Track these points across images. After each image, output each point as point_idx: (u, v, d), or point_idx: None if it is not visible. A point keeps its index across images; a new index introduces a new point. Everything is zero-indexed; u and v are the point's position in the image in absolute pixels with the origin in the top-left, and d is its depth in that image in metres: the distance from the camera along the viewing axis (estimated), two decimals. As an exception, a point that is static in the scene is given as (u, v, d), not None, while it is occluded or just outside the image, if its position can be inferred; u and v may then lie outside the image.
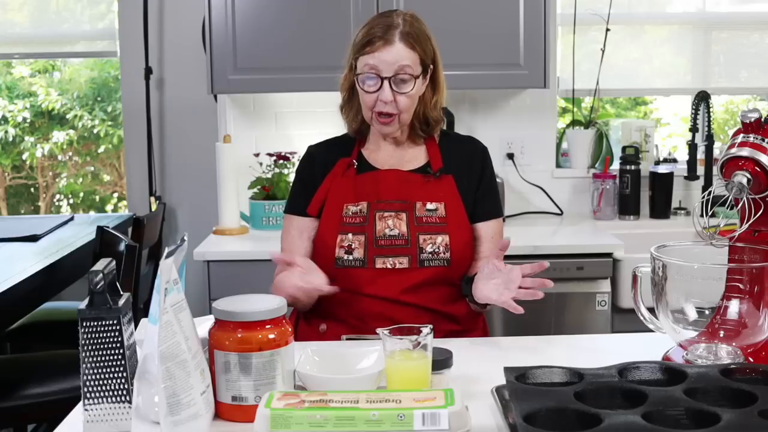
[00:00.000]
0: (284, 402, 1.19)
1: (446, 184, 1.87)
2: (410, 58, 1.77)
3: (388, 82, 1.76)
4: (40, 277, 2.45)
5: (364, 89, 1.79)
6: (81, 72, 4.29)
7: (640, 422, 1.11)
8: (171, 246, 1.21)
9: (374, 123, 1.84)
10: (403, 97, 1.78)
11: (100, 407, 1.22)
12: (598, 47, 3.31)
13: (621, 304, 2.75)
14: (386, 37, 1.76)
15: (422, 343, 1.32)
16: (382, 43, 1.75)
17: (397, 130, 1.86)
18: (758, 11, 3.51)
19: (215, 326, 1.31)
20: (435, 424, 1.14)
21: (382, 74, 1.76)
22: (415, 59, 1.78)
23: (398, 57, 1.76)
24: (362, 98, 1.82)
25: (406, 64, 1.76)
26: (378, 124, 1.83)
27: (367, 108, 1.82)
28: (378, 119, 1.81)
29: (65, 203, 4.67)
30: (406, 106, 1.80)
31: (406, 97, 1.78)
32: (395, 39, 1.76)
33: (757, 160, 1.44)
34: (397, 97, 1.77)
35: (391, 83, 1.76)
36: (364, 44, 1.77)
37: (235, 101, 3.24)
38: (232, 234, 2.96)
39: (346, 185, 1.87)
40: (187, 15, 3.33)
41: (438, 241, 1.80)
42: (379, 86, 1.77)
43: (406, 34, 1.77)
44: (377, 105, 1.79)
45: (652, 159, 3.33)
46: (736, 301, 1.43)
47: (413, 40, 1.77)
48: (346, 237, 1.81)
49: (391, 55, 1.75)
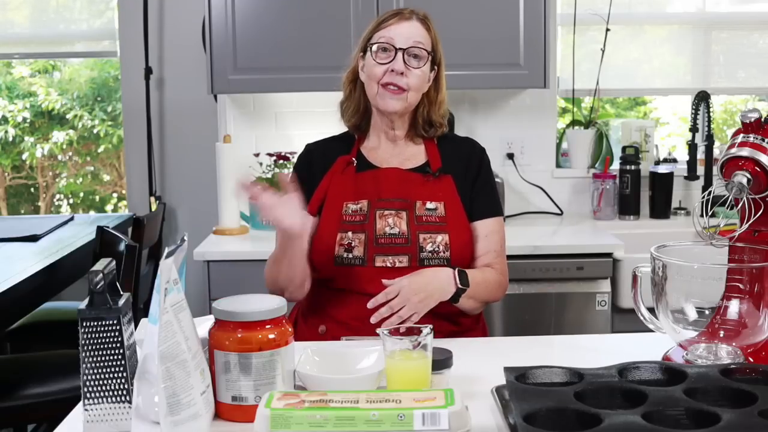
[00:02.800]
0: (284, 402, 1.19)
1: (445, 184, 1.87)
2: (424, 36, 1.82)
3: (402, 54, 1.79)
4: (40, 277, 2.45)
5: (376, 60, 1.80)
6: (81, 72, 4.29)
7: (640, 422, 1.11)
8: (171, 246, 1.21)
9: (380, 98, 1.82)
10: (414, 72, 1.80)
11: (100, 407, 1.22)
12: (598, 47, 3.31)
13: (621, 304, 2.75)
14: (403, 15, 1.83)
15: (422, 343, 1.32)
16: (399, 18, 1.82)
17: (403, 109, 1.84)
18: (758, 11, 3.51)
19: (215, 326, 1.30)
20: (435, 424, 1.14)
21: (396, 45, 1.79)
22: (428, 41, 1.83)
23: (414, 32, 1.81)
24: (370, 71, 1.81)
25: (421, 41, 1.81)
26: (385, 96, 1.81)
27: (375, 81, 1.81)
28: (386, 90, 1.81)
29: (65, 203, 4.67)
30: (415, 83, 1.81)
31: (418, 72, 1.80)
32: (412, 17, 1.83)
33: (757, 160, 1.44)
34: (408, 71, 1.79)
35: (405, 56, 1.79)
36: (380, 21, 1.84)
37: (235, 101, 3.24)
38: (232, 234, 2.96)
39: (346, 183, 1.87)
40: (187, 15, 3.33)
41: (438, 240, 1.80)
42: (392, 58, 1.79)
43: (423, 17, 1.85)
44: (386, 76, 1.79)
45: (652, 159, 3.33)
46: (736, 301, 1.43)
47: (428, 22, 1.85)
48: (346, 235, 1.81)
49: (406, 29, 1.81)
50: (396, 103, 1.82)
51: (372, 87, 1.82)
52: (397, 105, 1.82)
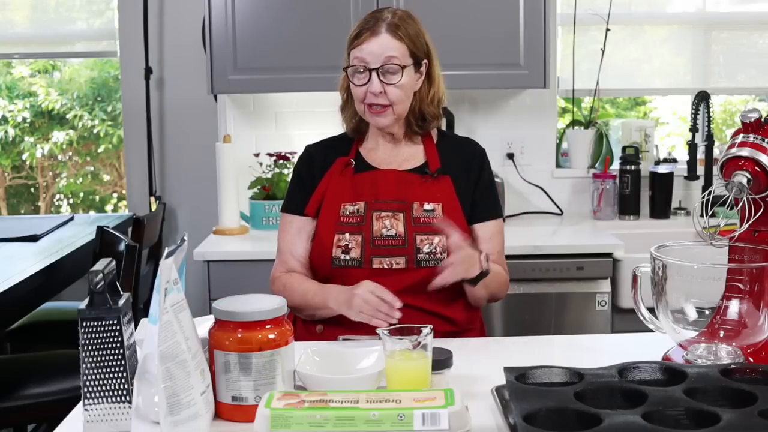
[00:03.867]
0: (284, 402, 1.19)
1: (444, 184, 1.87)
2: (397, 48, 1.79)
3: (376, 74, 1.78)
4: (40, 277, 2.45)
5: (354, 83, 1.80)
6: (81, 72, 4.29)
7: (640, 422, 1.11)
8: (171, 246, 1.21)
9: (367, 116, 1.84)
10: (393, 88, 1.79)
11: (100, 407, 1.22)
12: (598, 47, 3.31)
13: (621, 304, 2.75)
14: (373, 29, 1.79)
15: (422, 343, 1.32)
16: (369, 35, 1.79)
17: (393, 122, 1.85)
18: (758, 11, 3.51)
19: (215, 326, 1.31)
20: (435, 424, 1.14)
21: (369, 66, 1.78)
22: (402, 50, 1.80)
23: (384, 48, 1.78)
24: (354, 92, 1.83)
25: (393, 55, 1.78)
26: (371, 116, 1.83)
27: (359, 101, 1.83)
28: (370, 111, 1.82)
29: (65, 203, 4.66)
30: (398, 97, 1.80)
31: (395, 88, 1.79)
32: (381, 30, 1.79)
33: (757, 160, 1.44)
34: (386, 88, 1.79)
35: (379, 74, 1.78)
36: (353, 38, 1.82)
37: (235, 101, 3.24)
38: (232, 234, 2.96)
39: (344, 184, 1.87)
40: (187, 15, 3.33)
41: (435, 242, 1.80)
42: (368, 79, 1.78)
43: (393, 26, 1.79)
44: (368, 97, 1.80)
45: (652, 159, 3.33)
46: (736, 301, 1.43)
47: (400, 32, 1.80)
48: (343, 237, 1.81)
49: (377, 46, 1.78)
50: (383, 119, 1.83)
51: (359, 106, 1.84)
52: (384, 121, 1.84)
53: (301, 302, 1.82)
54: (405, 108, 1.84)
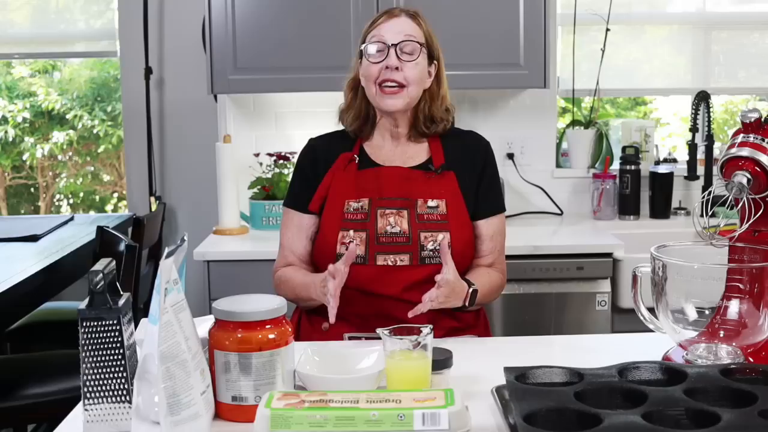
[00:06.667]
0: (284, 402, 1.19)
1: (448, 180, 1.87)
2: (415, 30, 1.83)
3: (394, 49, 1.79)
4: (40, 277, 2.45)
5: (370, 60, 1.80)
6: (81, 72, 4.29)
7: (640, 422, 1.11)
8: (171, 246, 1.21)
9: (378, 98, 1.82)
10: (410, 65, 1.80)
11: (100, 407, 1.22)
12: (598, 47, 3.31)
13: (621, 304, 2.75)
14: (391, 13, 1.85)
15: (422, 343, 1.32)
16: (388, 16, 1.83)
17: (404, 106, 1.83)
18: (758, 11, 3.51)
19: (215, 326, 1.31)
20: (435, 424, 1.14)
21: (388, 42, 1.80)
22: (419, 33, 1.83)
23: (404, 27, 1.82)
24: (366, 72, 1.82)
25: (411, 34, 1.81)
26: (382, 97, 1.81)
27: (372, 82, 1.81)
28: (382, 91, 1.81)
29: (65, 203, 4.67)
30: (413, 76, 1.81)
31: (412, 66, 1.80)
32: (401, 14, 1.84)
33: (757, 160, 1.44)
34: (402, 65, 1.79)
35: (397, 51, 1.79)
36: (371, 23, 1.85)
37: (235, 101, 3.24)
38: (232, 234, 2.96)
39: (348, 181, 1.87)
40: (187, 15, 3.33)
41: (439, 239, 1.80)
42: (385, 55, 1.79)
43: (412, 13, 1.85)
44: (383, 74, 1.80)
45: (652, 159, 3.33)
46: (736, 301, 1.42)
47: (420, 19, 1.85)
48: (348, 233, 1.81)
49: (396, 25, 1.82)
50: (395, 101, 1.81)
51: (370, 88, 1.82)
52: (397, 103, 1.82)
53: (294, 297, 1.84)
54: (417, 94, 1.84)
